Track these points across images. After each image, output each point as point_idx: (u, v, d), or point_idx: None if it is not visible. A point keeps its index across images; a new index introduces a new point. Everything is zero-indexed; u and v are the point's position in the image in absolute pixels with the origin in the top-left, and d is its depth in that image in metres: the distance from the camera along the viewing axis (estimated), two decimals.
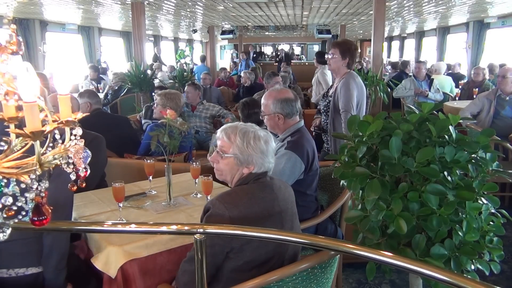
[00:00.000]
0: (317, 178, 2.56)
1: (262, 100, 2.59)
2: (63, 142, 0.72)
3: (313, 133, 4.10)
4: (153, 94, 4.17)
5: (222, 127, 1.82)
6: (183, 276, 1.70)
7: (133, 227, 1.66)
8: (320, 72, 6.60)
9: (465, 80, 8.05)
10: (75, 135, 0.73)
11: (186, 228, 1.59)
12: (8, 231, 0.70)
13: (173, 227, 1.60)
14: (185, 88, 5.08)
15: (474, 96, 5.95)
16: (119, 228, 1.77)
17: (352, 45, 3.51)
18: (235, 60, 16.93)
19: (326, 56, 4.10)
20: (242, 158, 1.72)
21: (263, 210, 1.67)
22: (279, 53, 15.30)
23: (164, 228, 1.69)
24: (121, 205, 2.22)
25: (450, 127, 1.54)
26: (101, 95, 7.51)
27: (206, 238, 1.59)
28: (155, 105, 3.85)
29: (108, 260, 1.89)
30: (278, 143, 2.53)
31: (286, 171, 2.34)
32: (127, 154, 3.53)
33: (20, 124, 0.69)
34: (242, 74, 8.30)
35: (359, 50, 21.29)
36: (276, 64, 15.42)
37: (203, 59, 12.56)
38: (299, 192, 2.41)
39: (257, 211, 1.65)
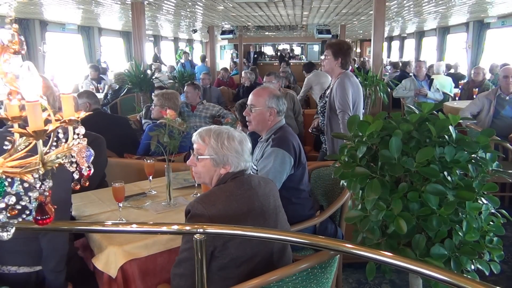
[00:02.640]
0: (307, 172, 2.53)
1: (253, 95, 2.50)
2: (66, 141, 0.72)
3: (312, 134, 4.12)
4: (153, 94, 4.19)
5: (197, 131, 1.85)
6: (174, 280, 1.71)
7: (134, 227, 1.66)
8: (306, 80, 6.83)
9: (465, 80, 8.06)
10: (78, 134, 0.74)
11: (186, 228, 1.59)
12: (12, 230, 0.70)
13: (174, 227, 1.60)
14: (185, 88, 5.08)
15: (474, 96, 5.95)
16: (120, 228, 1.78)
17: (344, 45, 3.52)
18: (235, 60, 16.93)
19: (321, 57, 4.16)
20: (217, 159, 1.76)
21: (242, 206, 1.68)
22: (285, 54, 15.29)
23: (164, 228, 1.69)
24: (121, 205, 2.22)
25: (450, 127, 1.54)
26: (101, 95, 7.51)
27: (188, 240, 1.60)
28: (152, 106, 3.86)
29: (109, 260, 1.89)
30: (263, 144, 2.51)
31: (277, 168, 2.32)
32: (127, 154, 3.53)
33: (25, 123, 0.69)
34: (243, 74, 8.29)
35: (359, 50, 21.32)
36: (277, 64, 15.42)
37: (203, 59, 12.52)
38: (292, 188, 2.40)
39: (236, 208, 1.67)
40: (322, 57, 3.60)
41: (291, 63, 14.42)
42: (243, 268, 1.64)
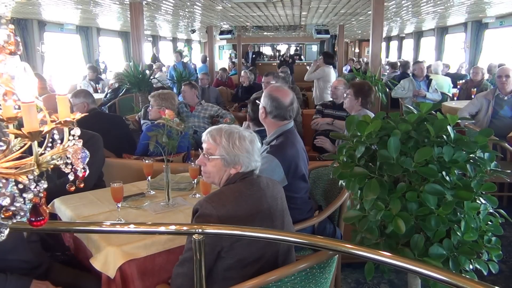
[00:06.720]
0: (307, 182, 2.49)
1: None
2: (61, 143, 0.72)
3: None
4: (149, 96, 4.18)
5: (207, 130, 1.82)
6: (176, 279, 1.70)
7: (132, 228, 1.66)
8: (320, 69, 6.73)
9: (464, 80, 8.06)
10: (73, 136, 0.73)
11: (184, 228, 1.58)
12: (6, 231, 0.70)
13: (172, 228, 1.60)
14: (182, 88, 5.08)
15: (473, 96, 5.96)
16: (118, 228, 1.77)
17: (366, 86, 3.78)
18: (233, 60, 16.93)
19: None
20: (229, 159, 1.74)
21: (251, 207, 1.68)
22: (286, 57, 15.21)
23: (162, 229, 1.69)
24: (119, 205, 2.22)
25: (448, 127, 1.54)
26: (100, 95, 7.50)
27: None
28: (150, 107, 3.86)
29: (107, 260, 1.88)
30: (264, 146, 2.49)
31: (262, 173, 2.30)
32: (126, 155, 3.53)
33: (20, 124, 0.69)
34: (242, 74, 8.29)
35: (357, 50, 21.34)
36: (275, 64, 15.43)
37: (204, 59, 12.41)
38: (288, 196, 2.38)
39: (245, 209, 1.66)
40: (345, 94, 3.86)
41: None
42: (248, 269, 1.63)
